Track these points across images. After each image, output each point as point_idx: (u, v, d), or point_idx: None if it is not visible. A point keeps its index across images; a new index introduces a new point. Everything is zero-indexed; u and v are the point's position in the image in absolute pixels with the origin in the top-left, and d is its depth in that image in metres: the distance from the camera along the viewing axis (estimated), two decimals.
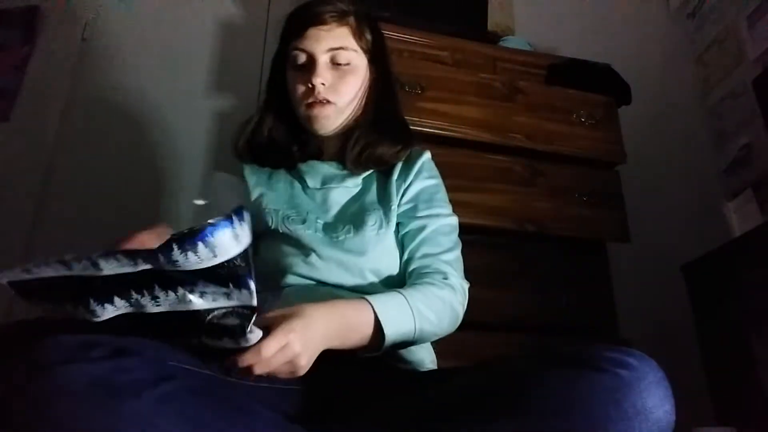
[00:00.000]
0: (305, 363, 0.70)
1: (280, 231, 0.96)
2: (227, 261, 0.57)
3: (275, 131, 1.07)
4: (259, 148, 1.06)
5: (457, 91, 1.53)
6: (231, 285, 0.59)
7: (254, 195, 1.03)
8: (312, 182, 1.04)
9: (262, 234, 1.00)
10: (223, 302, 0.60)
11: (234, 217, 0.56)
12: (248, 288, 0.59)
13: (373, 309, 0.78)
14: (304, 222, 0.97)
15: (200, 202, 0.58)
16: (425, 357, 0.93)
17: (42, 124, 1.68)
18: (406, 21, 1.60)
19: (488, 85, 1.57)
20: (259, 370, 0.66)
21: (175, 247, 0.55)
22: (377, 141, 1.02)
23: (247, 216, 0.58)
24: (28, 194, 1.60)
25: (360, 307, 0.79)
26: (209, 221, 0.55)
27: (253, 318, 0.61)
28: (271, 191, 1.03)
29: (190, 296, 0.59)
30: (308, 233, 0.95)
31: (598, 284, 1.51)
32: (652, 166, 1.95)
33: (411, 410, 0.69)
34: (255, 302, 0.60)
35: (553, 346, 1.37)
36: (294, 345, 0.68)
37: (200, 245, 0.55)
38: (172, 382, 0.56)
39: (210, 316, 0.60)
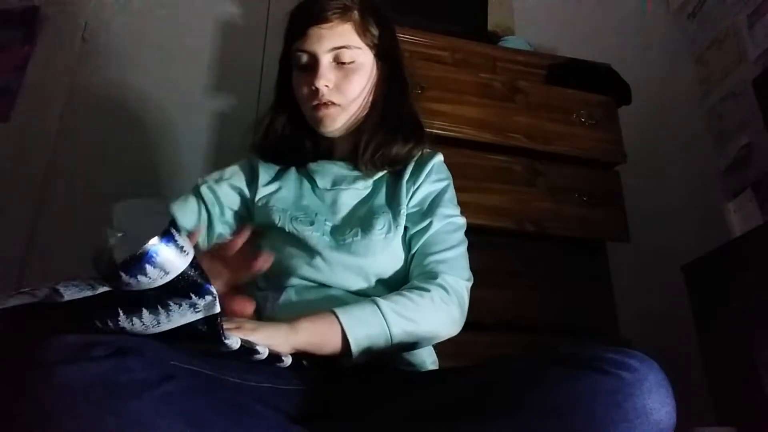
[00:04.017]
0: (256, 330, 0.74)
1: (287, 230, 0.95)
2: (181, 274, 0.56)
3: (287, 130, 1.06)
4: (272, 146, 1.06)
5: (457, 91, 1.53)
6: (193, 295, 0.59)
7: (262, 192, 1.02)
8: (322, 182, 1.02)
9: (267, 231, 0.99)
10: (191, 316, 0.59)
11: (172, 231, 0.55)
12: (211, 294, 0.59)
13: (339, 320, 0.79)
14: (312, 224, 0.95)
15: (117, 234, 0.56)
16: (426, 359, 0.93)
17: (42, 124, 1.68)
18: (406, 21, 1.60)
19: (488, 85, 1.57)
20: None
21: (122, 274, 0.54)
22: (390, 140, 1.00)
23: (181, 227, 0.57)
24: (28, 194, 1.60)
25: (322, 314, 0.80)
26: (150, 241, 0.54)
27: (220, 323, 0.62)
28: (280, 190, 1.02)
29: (159, 317, 0.58)
30: (315, 235, 0.93)
31: (598, 284, 1.51)
32: (652, 166, 1.95)
33: (411, 410, 0.68)
34: (218, 308, 0.60)
35: (553, 346, 1.37)
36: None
37: (148, 267, 0.54)
38: (174, 382, 0.56)
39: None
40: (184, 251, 0.56)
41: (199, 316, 0.60)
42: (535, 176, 1.54)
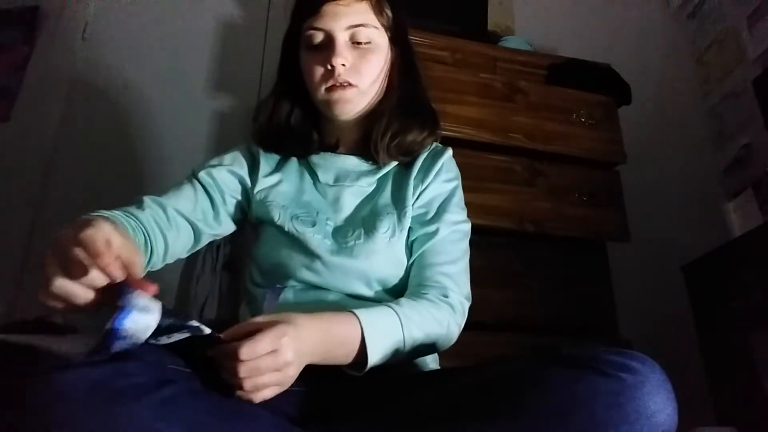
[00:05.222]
0: (293, 373, 0.67)
1: (286, 229, 0.90)
2: (157, 329, 0.55)
3: (293, 116, 0.99)
4: (276, 134, 0.98)
5: (457, 91, 1.53)
6: (177, 334, 0.59)
7: (262, 184, 0.96)
8: (324, 177, 0.97)
9: (265, 227, 0.94)
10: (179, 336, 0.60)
11: (125, 304, 0.53)
12: (191, 328, 0.59)
13: (361, 327, 0.75)
14: (313, 225, 0.90)
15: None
16: (427, 358, 0.92)
17: (42, 124, 1.68)
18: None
19: (488, 85, 1.57)
20: (244, 371, 0.61)
21: (101, 351, 0.52)
22: (406, 127, 0.96)
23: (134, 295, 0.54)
24: (28, 195, 1.60)
25: (348, 322, 0.75)
26: (110, 321, 0.52)
27: (216, 337, 0.62)
28: (280, 183, 0.96)
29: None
30: (316, 238, 0.88)
31: (598, 284, 1.51)
32: (652, 166, 1.95)
33: (413, 411, 0.68)
34: (207, 331, 0.61)
35: (553, 346, 1.37)
36: (285, 351, 0.64)
37: (118, 343, 0.52)
38: (172, 386, 0.56)
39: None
40: (147, 309, 0.54)
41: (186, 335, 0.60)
42: (535, 176, 1.54)
